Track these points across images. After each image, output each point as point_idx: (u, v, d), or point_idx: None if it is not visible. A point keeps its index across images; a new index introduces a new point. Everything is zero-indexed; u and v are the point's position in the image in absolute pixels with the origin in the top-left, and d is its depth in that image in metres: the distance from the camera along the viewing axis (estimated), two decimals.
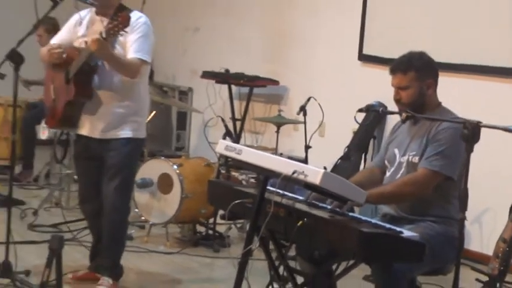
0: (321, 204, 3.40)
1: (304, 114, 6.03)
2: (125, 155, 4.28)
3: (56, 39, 4.37)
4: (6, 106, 7.20)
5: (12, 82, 4.20)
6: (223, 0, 8.27)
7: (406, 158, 3.55)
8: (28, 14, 4.13)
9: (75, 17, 4.37)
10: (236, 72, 7.24)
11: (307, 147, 6.05)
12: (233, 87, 7.32)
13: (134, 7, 4.41)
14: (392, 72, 3.60)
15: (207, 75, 7.44)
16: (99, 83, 4.24)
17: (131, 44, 4.13)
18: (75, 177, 6.50)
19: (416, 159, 3.49)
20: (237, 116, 7.26)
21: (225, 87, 7.32)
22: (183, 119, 8.70)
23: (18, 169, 7.17)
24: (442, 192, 3.47)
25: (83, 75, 4.20)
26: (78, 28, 4.35)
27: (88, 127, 4.34)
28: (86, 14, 4.36)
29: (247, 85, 7.21)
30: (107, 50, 4.00)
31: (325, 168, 4.79)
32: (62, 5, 4.19)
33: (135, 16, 4.16)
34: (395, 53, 3.72)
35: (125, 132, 4.28)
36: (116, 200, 4.29)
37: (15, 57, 4.12)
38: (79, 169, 4.60)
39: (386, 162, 3.70)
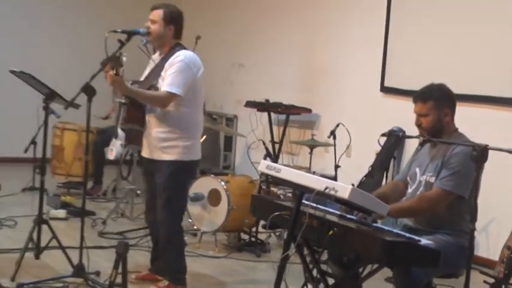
0: (349, 216, 3.38)
1: (334, 138, 6.02)
2: (168, 176, 4.23)
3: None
4: (81, 131, 7.28)
5: (86, 111, 4.25)
6: (264, 40, 8.28)
7: (424, 177, 3.53)
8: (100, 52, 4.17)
9: (150, 59, 4.42)
10: (275, 102, 7.24)
11: (336, 166, 6.03)
12: (272, 114, 7.31)
13: (189, 44, 4.43)
14: (414, 100, 3.60)
15: (250, 104, 7.45)
16: (148, 109, 4.26)
17: (166, 78, 4.13)
18: (138, 191, 6.57)
19: (432, 179, 3.47)
20: (276, 139, 7.25)
21: (265, 114, 7.33)
22: (229, 142, 8.71)
23: (89, 185, 7.23)
24: (454, 209, 3.44)
25: (134, 104, 4.23)
26: (148, 68, 4.41)
27: (144, 148, 4.38)
28: (156, 55, 4.39)
29: (285, 113, 7.20)
30: (121, 86, 4.01)
31: (352, 184, 4.76)
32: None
33: (176, 55, 4.17)
34: (413, 85, 3.71)
35: (168, 155, 4.23)
36: (163, 214, 4.28)
37: (89, 90, 4.16)
38: (145, 183, 4.62)
39: (408, 178, 3.68)
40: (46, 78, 5.11)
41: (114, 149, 5.76)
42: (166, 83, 4.10)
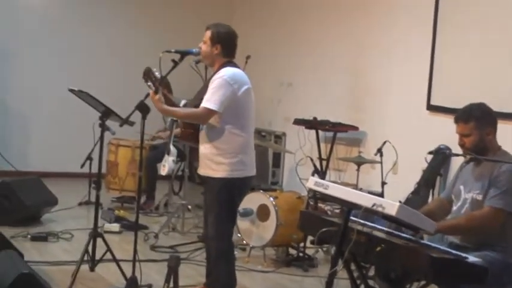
0: (396, 232, 3.35)
1: (381, 155, 5.96)
2: (216, 193, 4.22)
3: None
4: (134, 148, 7.38)
5: (140, 128, 4.31)
6: (312, 59, 8.28)
7: (470, 195, 3.49)
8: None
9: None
10: (322, 119, 7.21)
11: (383, 183, 5.97)
12: (320, 132, 7.29)
13: (240, 63, 4.44)
14: (456, 121, 3.57)
15: (298, 122, 7.44)
16: (200, 126, 4.29)
17: (205, 95, 4.14)
18: (189, 206, 6.62)
19: (480, 197, 3.43)
20: (323, 156, 7.22)
21: (313, 132, 7.31)
22: (277, 159, 8.71)
23: (142, 199, 7.30)
24: (503, 226, 3.38)
25: (188, 123, 4.28)
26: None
27: (199, 164, 4.38)
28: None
29: (332, 130, 7.17)
30: (157, 104, 4.07)
31: (399, 202, 4.71)
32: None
33: (219, 72, 4.18)
34: (460, 103, 3.66)
35: (215, 172, 4.21)
36: (211, 231, 4.27)
37: (143, 108, 4.22)
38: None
39: (453, 196, 3.64)
40: (102, 96, 5.21)
41: (167, 165, 5.83)
42: (204, 99, 4.13)
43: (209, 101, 4.09)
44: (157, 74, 4.09)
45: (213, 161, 4.21)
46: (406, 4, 6.91)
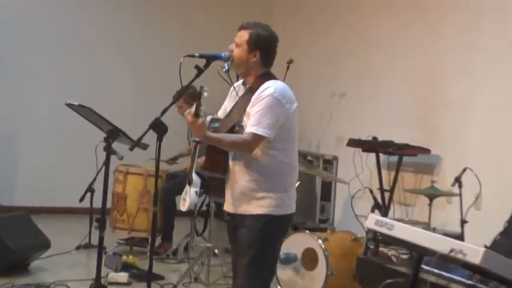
0: (480, 286, 3.32)
1: (459, 186, 5.92)
2: (255, 233, 4.21)
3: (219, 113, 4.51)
4: (147, 176, 7.41)
5: (154, 152, 4.36)
6: (372, 65, 8.29)
7: None
8: (174, 80, 4.26)
9: (231, 88, 4.45)
10: (384, 140, 7.20)
11: (462, 221, 5.92)
12: (381, 155, 7.27)
13: (279, 70, 4.47)
14: None
15: (353, 143, 7.44)
16: (232, 154, 4.28)
17: (252, 116, 4.13)
18: (216, 250, 6.63)
19: None
20: (386, 186, 7.19)
21: (372, 155, 7.29)
22: (327, 190, 8.71)
23: (157, 242, 7.35)
24: None
25: (215, 149, 4.26)
26: (230, 100, 4.45)
27: (226, 201, 4.37)
28: (239, 83, 4.43)
29: (397, 153, 7.14)
30: (200, 130, 4.03)
31: (485, 246, 4.67)
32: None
33: (263, 87, 4.17)
34: None
35: (257, 209, 4.21)
36: (242, 282, 4.26)
37: (159, 127, 4.28)
38: (230, 242, 4.57)
39: None
40: (108, 112, 5.29)
41: (188, 198, 5.83)
42: (252, 123, 4.11)
43: (259, 126, 4.10)
44: (205, 94, 4.08)
45: (254, 196, 4.22)
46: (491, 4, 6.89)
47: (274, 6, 10.29)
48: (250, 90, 4.26)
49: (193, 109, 3.99)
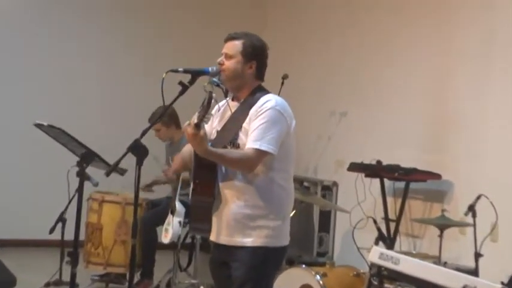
0: None
1: (473, 215, 5.92)
2: (251, 268, 4.20)
3: None
4: (125, 205, 7.39)
5: (134, 178, 4.35)
6: (375, 83, 8.31)
7: None
8: (156, 98, 4.26)
9: (216, 107, 4.43)
10: (390, 164, 7.21)
11: (477, 255, 5.92)
12: (386, 181, 7.28)
13: (272, 86, 4.48)
14: None
15: (355, 167, 7.45)
16: (221, 176, 4.26)
17: (251, 132, 4.13)
18: (202, 287, 6.62)
19: None
20: (391, 216, 7.19)
21: (376, 181, 7.31)
22: (326, 220, 8.70)
23: (135, 278, 7.28)
24: None
25: (203, 169, 4.25)
26: (215, 119, 4.44)
27: (214, 230, 4.34)
28: (225, 102, 4.42)
29: (403, 179, 7.15)
30: (202, 144, 3.98)
31: (502, 283, 4.68)
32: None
33: (263, 100, 4.19)
34: None
35: (253, 240, 4.20)
36: None
37: (139, 150, 4.26)
38: (212, 277, 4.56)
39: None
40: (82, 133, 5.30)
41: (170, 229, 5.87)
42: (254, 138, 4.11)
43: (262, 141, 4.10)
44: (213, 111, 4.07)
45: (249, 225, 4.21)
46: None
47: (268, 17, 10.34)
48: (246, 105, 4.27)
49: (194, 118, 3.92)
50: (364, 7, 8.65)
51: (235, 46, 4.31)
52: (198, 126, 3.91)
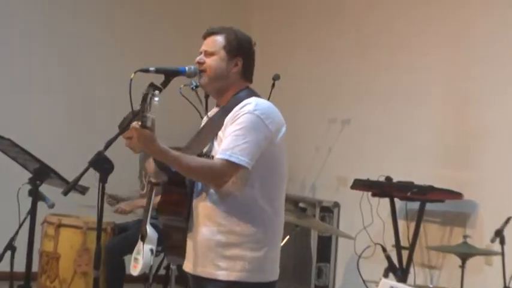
0: None
1: (502, 242, 5.94)
2: None
3: None
4: (86, 230, 7.38)
5: (96, 197, 4.33)
6: (383, 85, 8.30)
7: None
8: (123, 103, 4.25)
9: (204, 118, 4.49)
10: (401, 181, 7.22)
11: None
12: (397, 201, 7.28)
13: (263, 89, 4.46)
14: None
15: (360, 185, 7.45)
16: (196, 192, 4.24)
17: (225, 140, 4.10)
18: None
19: None
20: (403, 243, 7.19)
21: (385, 201, 7.30)
22: (326, 247, 8.70)
23: None
24: None
25: (175, 183, 4.25)
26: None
27: (188, 257, 4.32)
28: (214, 109, 4.43)
29: (417, 199, 7.15)
30: (150, 144, 3.93)
31: None
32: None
33: (243, 103, 4.15)
34: None
35: (226, 272, 4.15)
36: None
37: (102, 164, 4.25)
38: None
39: None
40: (35, 146, 5.27)
41: (141, 259, 5.85)
42: (223, 147, 4.06)
43: (233, 151, 4.04)
44: (156, 99, 3.96)
45: (222, 254, 4.15)
46: None
47: (255, 6, 10.34)
48: (225, 111, 4.22)
49: (137, 123, 3.90)
50: None
51: (216, 41, 4.29)
52: (143, 125, 3.87)
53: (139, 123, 3.87)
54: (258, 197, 4.15)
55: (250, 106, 4.12)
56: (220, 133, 4.17)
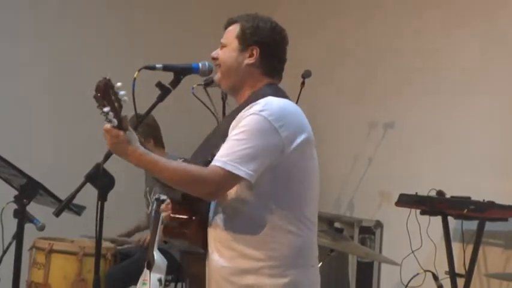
0: None
1: None
2: None
3: None
4: (82, 256, 7.34)
5: (95, 219, 4.34)
6: (435, 84, 8.29)
7: None
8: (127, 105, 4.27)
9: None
10: (456, 196, 7.21)
11: None
12: (451, 220, 7.28)
13: (291, 88, 4.45)
14: None
15: (406, 201, 7.43)
16: (212, 213, 4.27)
17: (223, 144, 4.10)
18: None
19: None
20: (459, 269, 7.19)
21: (437, 221, 7.29)
22: (367, 275, 8.70)
23: None
24: None
25: (187, 201, 4.26)
26: None
27: (208, 285, 4.37)
28: None
29: (476, 217, 7.13)
30: (122, 148, 3.98)
31: None
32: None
33: (254, 104, 4.14)
34: None
35: None
36: None
37: (100, 179, 4.27)
38: None
39: None
40: (22, 158, 5.28)
41: None
42: (220, 152, 4.06)
43: (229, 157, 4.03)
44: (122, 93, 3.94)
45: (237, 283, 4.20)
46: None
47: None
48: (236, 111, 4.24)
49: (113, 119, 3.92)
50: None
51: (232, 31, 4.34)
52: (120, 126, 3.91)
53: (110, 121, 3.91)
54: (275, 216, 4.15)
55: (257, 106, 4.11)
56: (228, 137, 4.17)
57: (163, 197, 4.27)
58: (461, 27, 8.11)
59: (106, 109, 3.90)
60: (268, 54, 4.32)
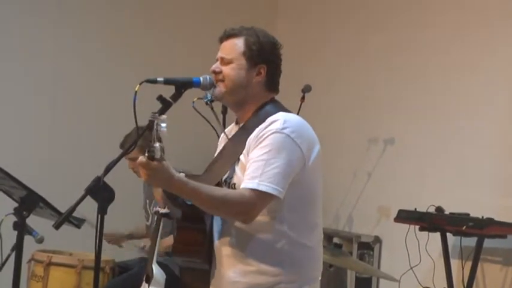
0: None
1: None
2: None
3: None
4: (81, 269, 7.32)
5: (95, 231, 4.34)
6: (434, 99, 8.28)
7: None
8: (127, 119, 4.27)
9: (221, 135, 4.49)
10: (454, 213, 7.21)
11: None
12: (449, 237, 7.28)
13: (291, 103, 4.46)
14: None
15: (405, 217, 7.43)
16: (219, 231, 4.27)
17: (248, 166, 4.09)
18: None
19: None
20: (457, 286, 7.19)
21: (436, 237, 7.30)
22: None
23: None
24: None
25: (188, 218, 4.27)
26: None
27: None
28: (231, 128, 4.47)
29: (475, 234, 7.13)
30: (163, 178, 3.92)
31: None
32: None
33: (270, 120, 4.15)
34: None
35: None
36: None
37: (100, 192, 4.27)
38: None
39: None
40: (21, 170, 5.28)
41: None
42: (250, 174, 4.06)
43: (260, 178, 4.03)
44: (163, 125, 3.86)
45: None
46: None
47: (280, 6, 10.37)
48: (246, 129, 4.24)
49: (144, 155, 3.86)
50: None
51: (234, 46, 4.31)
52: (151, 157, 3.84)
53: (146, 155, 3.84)
54: (292, 232, 4.17)
55: (277, 124, 4.12)
56: (242, 157, 4.18)
57: (163, 210, 4.26)
58: (464, 43, 8.12)
59: (156, 145, 3.86)
60: (274, 71, 4.35)
